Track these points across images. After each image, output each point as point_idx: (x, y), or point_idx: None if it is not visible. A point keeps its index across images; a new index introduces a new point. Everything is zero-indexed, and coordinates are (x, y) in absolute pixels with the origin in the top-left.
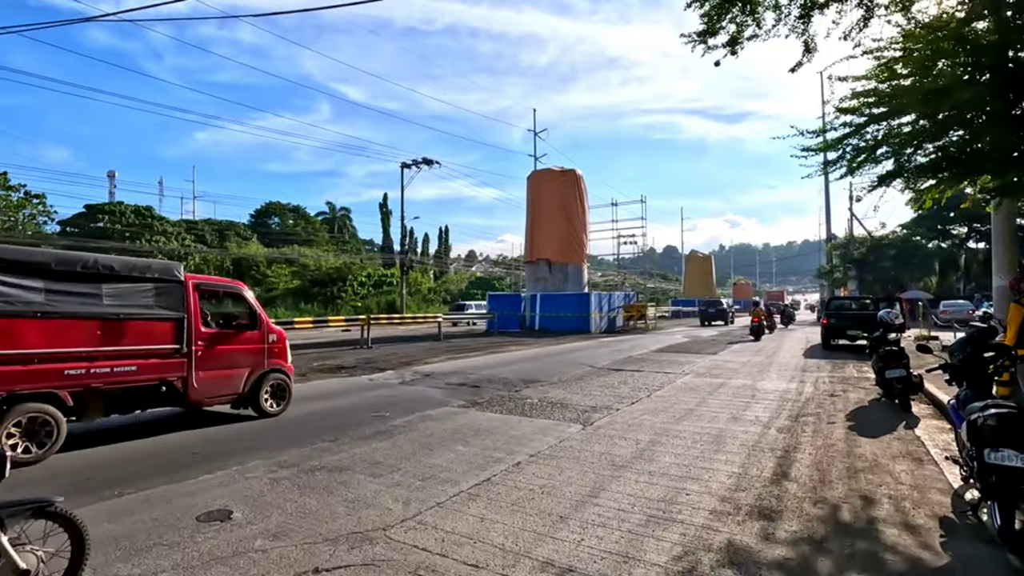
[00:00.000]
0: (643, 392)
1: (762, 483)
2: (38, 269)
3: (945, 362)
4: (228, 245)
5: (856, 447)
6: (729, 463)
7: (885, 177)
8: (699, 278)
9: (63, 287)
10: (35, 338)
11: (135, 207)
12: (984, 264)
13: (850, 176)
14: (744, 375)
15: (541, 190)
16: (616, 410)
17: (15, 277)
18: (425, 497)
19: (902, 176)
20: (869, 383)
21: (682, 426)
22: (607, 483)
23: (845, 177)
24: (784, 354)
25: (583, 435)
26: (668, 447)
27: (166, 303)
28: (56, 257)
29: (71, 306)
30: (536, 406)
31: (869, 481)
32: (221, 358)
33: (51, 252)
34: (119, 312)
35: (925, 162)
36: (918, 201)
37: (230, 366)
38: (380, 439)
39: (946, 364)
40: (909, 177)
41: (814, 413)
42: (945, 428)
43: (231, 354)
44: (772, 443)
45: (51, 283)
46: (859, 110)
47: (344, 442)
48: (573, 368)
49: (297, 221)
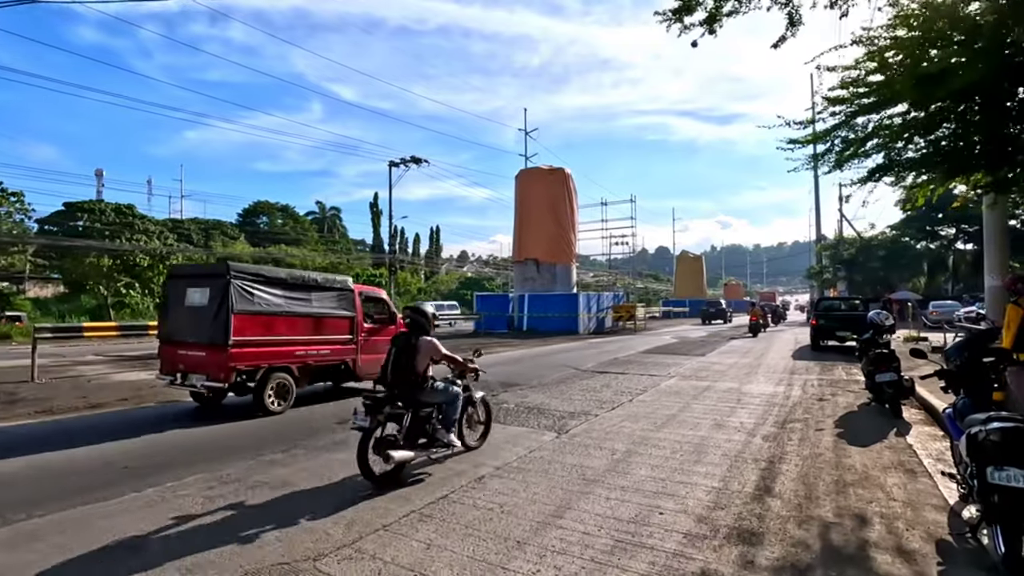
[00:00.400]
0: (625, 396)
1: (743, 500)
2: (280, 283)
3: (941, 368)
4: (213, 244)
5: (845, 457)
6: (709, 476)
7: (875, 171)
8: (690, 278)
9: (292, 295)
10: (279, 329)
11: (116, 205)
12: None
13: (839, 170)
14: (731, 378)
15: (529, 189)
16: (595, 416)
17: (270, 288)
18: (371, 518)
19: (892, 170)
20: (858, 386)
21: (662, 434)
22: (575, 501)
23: (834, 171)
24: (773, 356)
25: (556, 444)
26: (645, 458)
27: (344, 306)
28: (290, 274)
29: (296, 307)
30: (511, 412)
31: (859, 497)
32: (375, 345)
33: (286, 271)
34: (320, 312)
35: (916, 156)
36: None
37: (380, 351)
38: (338, 450)
39: (942, 370)
40: (900, 172)
41: (801, 419)
42: (938, 436)
43: (380, 342)
44: (756, 453)
45: (286, 292)
46: (848, 100)
47: (298, 453)
48: (556, 371)
49: (286, 221)
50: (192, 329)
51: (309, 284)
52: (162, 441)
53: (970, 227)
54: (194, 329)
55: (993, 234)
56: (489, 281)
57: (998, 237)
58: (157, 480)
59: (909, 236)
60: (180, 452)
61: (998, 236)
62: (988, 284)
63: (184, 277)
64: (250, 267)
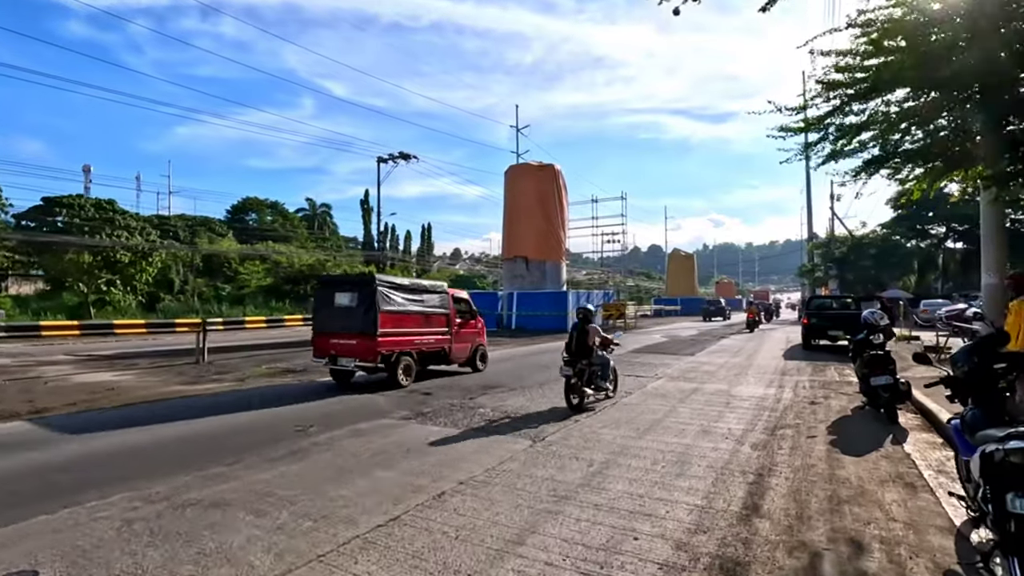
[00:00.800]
0: (609, 399)
1: (728, 521)
2: (405, 288)
3: (947, 375)
4: (199, 241)
5: (839, 468)
6: (692, 492)
7: (871, 163)
8: (682, 277)
9: (412, 297)
10: (405, 324)
11: (96, 200)
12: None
13: (833, 161)
14: (720, 379)
15: (519, 185)
16: (575, 421)
17: (399, 292)
18: (306, 547)
19: (888, 163)
20: (851, 388)
21: (645, 442)
22: (541, 523)
23: (827, 163)
24: (763, 355)
25: (530, 454)
26: (624, 470)
27: (442, 304)
28: (410, 281)
29: (414, 307)
30: (487, 417)
31: (855, 517)
32: (463, 336)
33: (408, 279)
34: (429, 311)
35: (913, 148)
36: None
37: (466, 341)
38: (289, 461)
39: (948, 377)
40: (896, 164)
41: (793, 425)
42: (937, 443)
43: (466, 334)
44: (744, 464)
45: (408, 295)
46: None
47: (243, 465)
48: (541, 372)
49: (275, 217)
50: (343, 323)
51: (421, 289)
52: (88, 453)
53: (960, 226)
54: (345, 323)
55: (991, 231)
56: (481, 279)
57: (996, 234)
58: (77, 499)
59: (900, 234)
60: (111, 466)
61: (996, 233)
62: (985, 282)
63: (333, 283)
64: (387, 276)
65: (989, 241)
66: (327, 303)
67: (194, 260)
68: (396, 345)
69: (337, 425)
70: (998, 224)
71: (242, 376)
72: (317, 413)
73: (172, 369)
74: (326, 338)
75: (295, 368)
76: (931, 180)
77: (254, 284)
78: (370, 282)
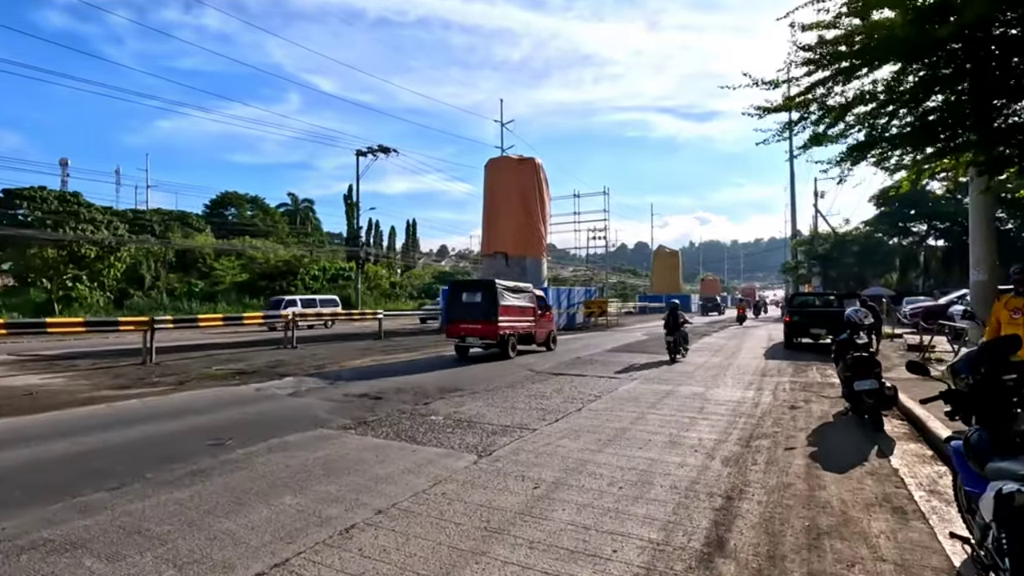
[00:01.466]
0: (574, 404)
1: (686, 563)
2: (511, 289)
3: (948, 388)
4: (172, 236)
5: (819, 489)
6: (648, 522)
7: (856, 148)
8: (667, 273)
9: (516, 295)
10: (512, 314)
11: (59, 193)
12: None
13: (818, 145)
14: (697, 380)
15: (498, 178)
16: (532, 431)
17: (509, 292)
18: None
19: (875, 148)
20: (834, 390)
21: (604, 456)
22: (460, 567)
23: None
24: (744, 354)
25: (471, 472)
26: (574, 492)
27: (531, 301)
28: (514, 284)
29: (516, 303)
30: (436, 427)
31: (837, 555)
32: (542, 324)
33: (511, 283)
34: (524, 305)
35: (901, 132)
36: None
37: (544, 328)
38: (184, 485)
39: (948, 391)
40: (884, 150)
41: (770, 434)
42: (926, 456)
43: (544, 322)
44: (713, 484)
45: (513, 294)
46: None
47: (124, 492)
48: (509, 373)
49: (255, 212)
50: (471, 314)
51: (520, 289)
52: None
53: (941, 224)
54: (473, 313)
55: (979, 225)
56: (465, 275)
57: (984, 228)
58: None
59: (882, 232)
60: None
61: (984, 227)
62: (973, 279)
63: (461, 285)
64: (503, 281)
65: (977, 235)
66: (457, 299)
67: (166, 255)
68: (508, 329)
69: (261, 437)
70: (987, 217)
71: (185, 379)
72: (246, 422)
73: (112, 371)
74: (457, 324)
75: (248, 369)
76: (920, 167)
77: (228, 280)
78: (492, 285)
